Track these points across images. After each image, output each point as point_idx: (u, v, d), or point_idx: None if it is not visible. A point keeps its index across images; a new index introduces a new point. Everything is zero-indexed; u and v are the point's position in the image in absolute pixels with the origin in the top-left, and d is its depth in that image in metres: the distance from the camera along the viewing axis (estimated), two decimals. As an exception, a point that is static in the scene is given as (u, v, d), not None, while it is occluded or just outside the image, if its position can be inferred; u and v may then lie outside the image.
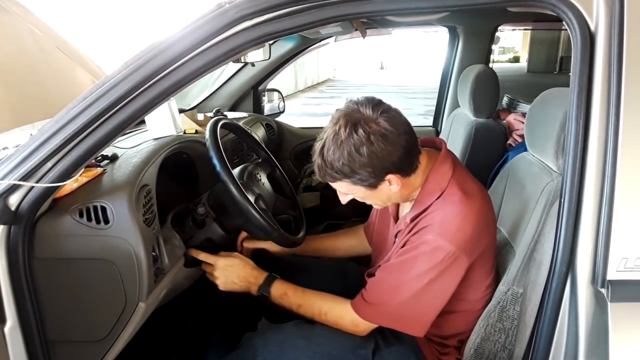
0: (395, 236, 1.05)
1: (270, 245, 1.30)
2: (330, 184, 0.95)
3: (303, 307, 1.05)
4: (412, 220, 0.97)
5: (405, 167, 0.91)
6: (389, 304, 0.95)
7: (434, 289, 0.92)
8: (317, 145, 0.90)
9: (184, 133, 1.34)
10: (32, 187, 0.78)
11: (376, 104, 0.88)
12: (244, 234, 1.31)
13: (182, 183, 1.40)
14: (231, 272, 1.11)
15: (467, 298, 1.01)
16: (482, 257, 0.96)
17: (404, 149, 0.88)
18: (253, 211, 1.07)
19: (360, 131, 0.84)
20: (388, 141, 0.85)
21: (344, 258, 1.37)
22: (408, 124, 0.91)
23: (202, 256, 1.13)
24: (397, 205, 1.10)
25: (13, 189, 0.77)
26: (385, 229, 1.16)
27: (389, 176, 0.90)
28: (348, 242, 1.35)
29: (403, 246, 0.96)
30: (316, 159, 0.91)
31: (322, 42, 2.42)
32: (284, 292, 1.07)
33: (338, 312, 1.02)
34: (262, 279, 1.10)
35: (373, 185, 0.91)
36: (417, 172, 0.94)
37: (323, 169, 0.90)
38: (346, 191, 0.96)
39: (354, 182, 0.91)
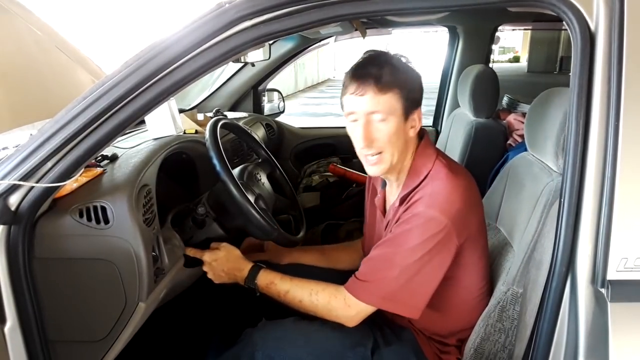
0: (385, 228, 1.05)
1: (268, 257, 1.29)
2: (372, 97, 0.92)
3: (292, 292, 1.02)
4: (402, 201, 0.98)
5: (420, 103, 0.98)
6: (382, 280, 0.94)
7: (428, 264, 0.92)
8: (365, 60, 0.95)
9: (184, 133, 1.34)
10: (32, 187, 0.78)
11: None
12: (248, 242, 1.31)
13: (182, 183, 1.40)
14: (216, 267, 1.11)
15: (462, 283, 1.01)
16: (472, 239, 0.97)
17: (419, 94, 0.98)
18: (253, 211, 1.06)
19: (403, 59, 0.97)
20: (420, 78, 0.98)
21: None
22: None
23: (192, 252, 1.13)
24: (384, 199, 1.11)
25: (13, 189, 0.77)
26: (374, 227, 1.16)
27: (417, 111, 0.97)
28: (348, 257, 1.33)
29: (396, 222, 0.97)
30: (370, 68, 0.92)
31: (322, 42, 2.42)
32: (270, 281, 1.05)
33: (330, 290, 0.99)
34: (246, 271, 1.08)
35: (407, 113, 0.95)
36: (407, 151, 1.00)
37: (386, 73, 0.91)
38: (385, 111, 0.93)
39: (403, 97, 0.93)
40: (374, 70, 0.91)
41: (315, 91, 14.45)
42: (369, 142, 0.94)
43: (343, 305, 0.97)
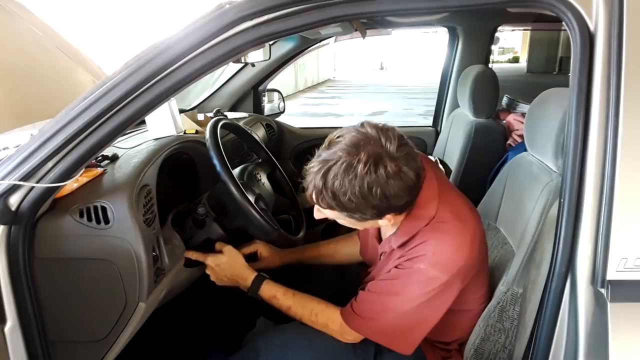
0: (380, 256, 1.04)
1: (264, 265, 1.25)
2: (317, 206, 0.86)
3: (293, 309, 1.03)
4: (400, 247, 0.93)
5: (406, 208, 0.87)
6: (378, 320, 0.93)
7: (424, 312, 0.90)
8: (318, 165, 0.80)
9: (184, 133, 1.34)
10: (32, 187, 0.78)
11: (401, 140, 0.80)
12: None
13: (182, 183, 1.40)
14: (219, 272, 1.11)
15: (464, 309, 1.01)
16: (476, 276, 0.96)
17: (414, 193, 0.84)
18: (253, 211, 1.07)
19: (381, 171, 0.77)
20: (403, 185, 0.79)
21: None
22: (420, 162, 0.84)
23: (194, 255, 1.13)
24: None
25: (13, 189, 0.77)
26: (368, 242, 1.14)
27: (388, 215, 0.85)
28: (347, 249, 1.31)
29: (396, 266, 0.93)
30: (314, 178, 0.80)
31: (322, 43, 2.42)
32: (273, 295, 1.06)
33: (328, 314, 1.00)
34: (249, 281, 1.08)
35: (365, 220, 0.86)
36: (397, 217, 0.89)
37: (320, 193, 0.81)
38: (331, 217, 0.88)
39: (348, 216, 0.84)
40: (315, 184, 0.81)
41: (315, 91, 14.45)
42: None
43: (339, 331, 0.98)
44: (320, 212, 0.90)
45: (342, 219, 0.88)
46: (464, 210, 0.92)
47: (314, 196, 0.83)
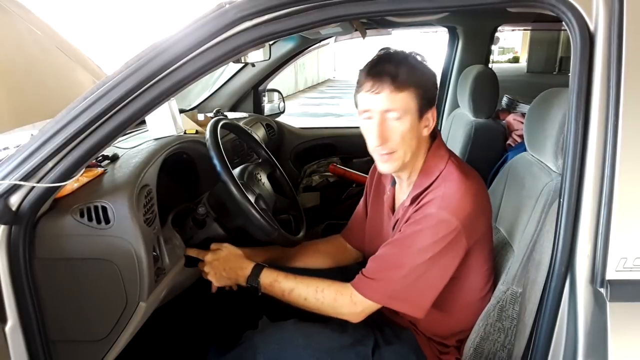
0: (394, 227, 1.05)
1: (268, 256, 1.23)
2: (388, 95, 0.91)
3: (296, 290, 1.01)
4: (413, 201, 0.98)
5: (434, 102, 0.98)
6: (390, 278, 0.94)
7: (436, 265, 0.92)
8: (384, 56, 0.95)
9: (185, 133, 1.34)
10: (32, 187, 0.78)
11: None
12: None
13: (182, 183, 1.41)
14: (218, 266, 1.10)
15: (466, 284, 1.01)
16: (480, 242, 0.97)
17: (434, 94, 0.98)
18: (253, 211, 1.07)
19: (419, 57, 0.97)
20: (431, 69, 0.97)
21: None
22: None
23: (193, 253, 1.12)
24: (393, 197, 1.11)
25: (14, 189, 0.77)
26: (380, 224, 1.15)
27: (431, 110, 0.97)
28: (326, 249, 1.30)
29: (406, 221, 0.97)
30: (389, 65, 0.91)
31: (322, 43, 2.42)
32: (274, 279, 1.04)
33: (336, 287, 0.99)
34: (249, 270, 1.07)
35: (422, 113, 0.95)
36: (420, 150, 1.00)
37: (403, 72, 0.90)
38: (401, 110, 0.92)
39: (418, 97, 0.93)
40: (390, 68, 0.91)
41: (315, 91, 14.44)
42: (383, 141, 0.93)
43: (349, 302, 0.97)
44: (386, 121, 0.93)
45: (409, 112, 0.93)
46: (471, 171, 1.01)
47: (390, 81, 0.91)
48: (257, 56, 1.81)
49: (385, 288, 0.95)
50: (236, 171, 1.26)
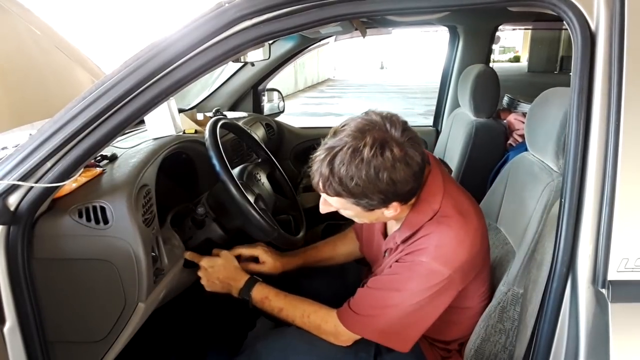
0: (385, 253, 1.03)
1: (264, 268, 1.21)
2: (324, 195, 0.87)
3: (285, 311, 1.02)
4: (404, 241, 0.93)
5: (412, 196, 0.87)
6: (376, 315, 0.92)
7: (425, 307, 0.89)
8: (324, 152, 0.80)
9: (184, 133, 1.34)
10: (31, 187, 0.77)
11: (405, 125, 0.81)
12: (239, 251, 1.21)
13: (181, 183, 1.40)
14: (212, 274, 1.10)
15: (464, 306, 1.00)
16: (477, 275, 0.95)
17: (419, 179, 0.84)
18: (252, 211, 1.06)
19: (387, 154, 0.77)
20: (409, 170, 0.79)
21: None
22: (423, 150, 0.85)
23: (190, 256, 1.12)
24: (385, 222, 1.06)
25: (12, 189, 0.77)
26: (372, 239, 1.12)
27: (394, 203, 0.85)
28: (345, 249, 1.30)
29: (397, 260, 0.93)
30: (320, 166, 0.80)
31: (322, 42, 2.42)
32: (265, 296, 1.04)
33: (322, 315, 0.99)
34: (242, 282, 1.08)
35: (372, 209, 0.85)
36: (401, 212, 0.90)
37: (327, 180, 0.80)
38: (339, 207, 0.88)
39: (355, 203, 0.84)
40: (321, 171, 0.81)
41: (315, 91, 14.44)
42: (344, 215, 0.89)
43: (333, 332, 0.97)
44: (326, 204, 0.90)
45: (349, 209, 0.88)
46: (468, 206, 0.93)
47: (320, 184, 0.83)
48: (257, 55, 1.81)
49: (371, 324, 0.93)
50: (235, 171, 1.26)
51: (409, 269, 0.89)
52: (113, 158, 1.05)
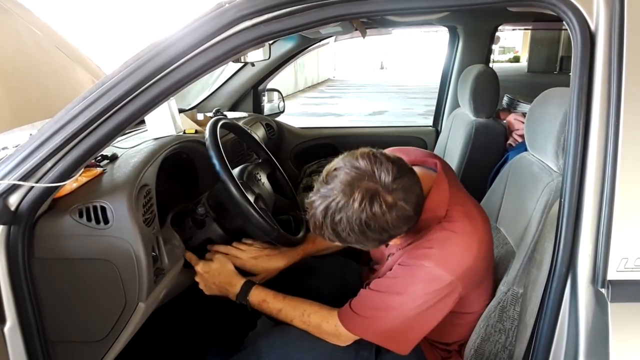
0: (388, 257, 1.03)
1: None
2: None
3: (284, 311, 1.02)
4: (408, 244, 0.94)
5: (410, 229, 0.87)
6: (377, 318, 0.92)
7: (425, 313, 0.89)
8: (319, 200, 0.81)
9: (184, 133, 1.34)
10: (31, 187, 0.78)
11: (396, 170, 0.80)
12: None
13: (182, 183, 1.40)
14: (208, 279, 1.10)
15: (466, 311, 1.00)
16: (479, 283, 0.95)
17: (413, 220, 0.84)
18: (253, 211, 1.06)
19: (376, 207, 0.77)
20: (400, 216, 0.80)
21: (343, 258, 1.35)
22: (420, 187, 0.84)
23: (188, 258, 1.12)
24: None
25: (13, 189, 0.77)
26: None
27: (393, 240, 0.87)
28: None
29: (400, 264, 0.93)
30: (314, 213, 0.82)
31: (322, 42, 2.42)
32: (262, 299, 1.04)
33: (323, 314, 0.99)
34: (238, 287, 1.07)
35: (370, 248, 0.88)
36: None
37: (321, 228, 0.82)
38: (339, 245, 0.90)
39: (353, 245, 0.86)
40: (318, 220, 0.82)
41: (315, 91, 14.44)
42: None
43: (334, 332, 0.97)
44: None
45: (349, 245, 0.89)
46: (474, 212, 0.93)
47: (317, 231, 0.85)
48: (257, 56, 1.81)
49: (371, 326, 0.93)
50: (235, 171, 1.26)
51: (412, 273, 0.89)
52: (113, 158, 1.05)
